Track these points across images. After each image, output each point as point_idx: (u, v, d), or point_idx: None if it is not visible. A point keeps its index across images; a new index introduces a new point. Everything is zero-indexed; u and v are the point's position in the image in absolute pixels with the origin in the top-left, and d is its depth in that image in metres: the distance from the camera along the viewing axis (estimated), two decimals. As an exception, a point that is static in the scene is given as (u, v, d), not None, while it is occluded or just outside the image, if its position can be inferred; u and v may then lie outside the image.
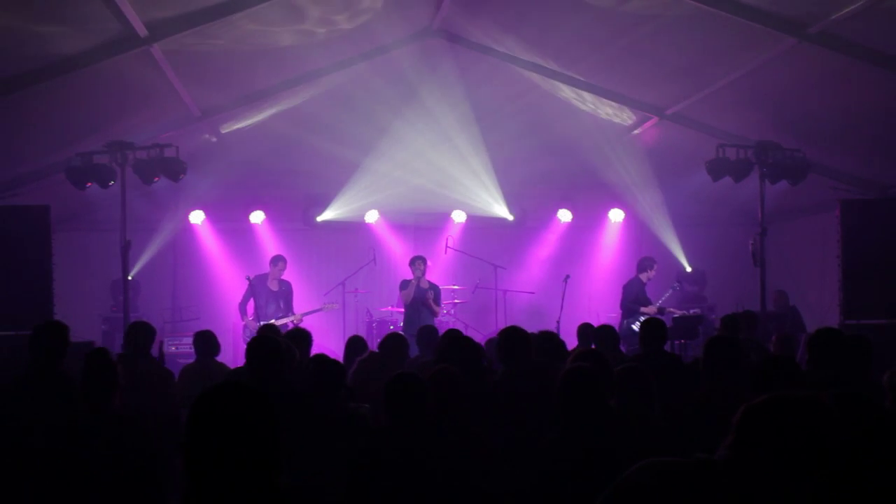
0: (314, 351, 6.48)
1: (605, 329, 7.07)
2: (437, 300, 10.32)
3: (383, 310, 11.83)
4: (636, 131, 11.05)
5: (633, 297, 10.54)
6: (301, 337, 6.21)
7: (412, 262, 10.38)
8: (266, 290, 10.28)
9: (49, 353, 4.72)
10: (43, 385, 4.58)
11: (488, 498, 3.64)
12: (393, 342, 6.32)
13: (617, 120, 10.96)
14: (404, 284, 10.33)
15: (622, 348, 10.20)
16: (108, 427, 3.96)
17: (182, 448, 2.12)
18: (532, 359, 5.25)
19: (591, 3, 7.62)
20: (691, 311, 11.31)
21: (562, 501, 3.47)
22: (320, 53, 8.90)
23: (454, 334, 5.86)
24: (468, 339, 5.41)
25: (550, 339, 6.01)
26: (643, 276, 10.63)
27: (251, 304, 10.22)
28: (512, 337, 5.31)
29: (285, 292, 10.42)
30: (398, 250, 12.77)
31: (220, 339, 12.24)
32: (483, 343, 6.62)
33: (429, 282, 10.35)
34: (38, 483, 3.77)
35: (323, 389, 4.47)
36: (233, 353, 11.74)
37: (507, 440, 4.41)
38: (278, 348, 4.66)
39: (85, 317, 11.35)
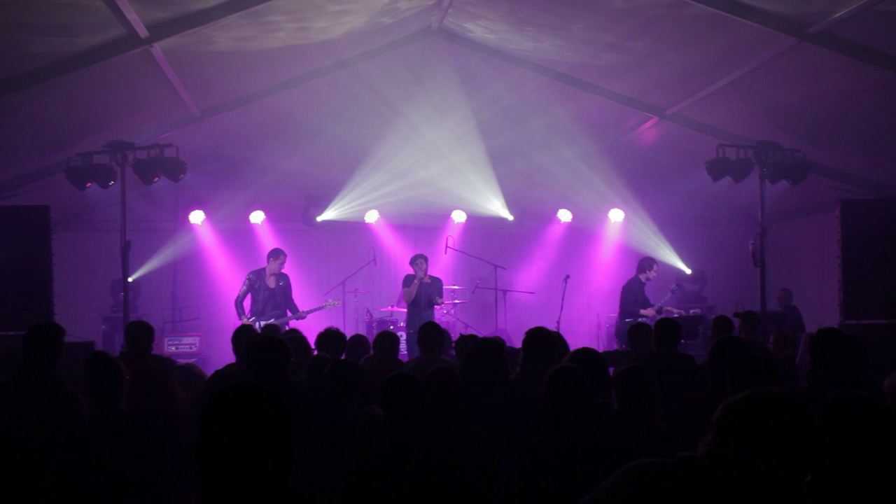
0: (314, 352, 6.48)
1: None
2: (440, 293, 10.32)
3: (383, 310, 11.83)
4: (636, 131, 11.06)
5: (631, 299, 10.53)
6: (335, 339, 6.21)
7: (414, 261, 10.33)
8: (264, 287, 9.99)
9: (42, 355, 4.61)
10: (34, 387, 4.53)
11: (484, 497, 3.64)
12: (387, 341, 6.33)
13: (617, 120, 10.96)
14: (408, 280, 10.23)
15: (619, 349, 10.19)
16: (116, 427, 3.97)
17: (195, 449, 2.10)
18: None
19: (591, 4, 7.62)
20: (691, 312, 11.30)
21: (551, 500, 3.47)
22: (320, 53, 8.90)
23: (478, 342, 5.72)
24: (492, 343, 5.31)
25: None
26: (642, 277, 10.61)
27: (248, 301, 10.07)
28: (538, 338, 5.27)
29: (283, 288, 10.04)
30: (398, 250, 12.77)
31: (221, 339, 12.23)
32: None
33: (430, 277, 10.33)
34: (53, 485, 3.77)
35: (337, 392, 4.45)
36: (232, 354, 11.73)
37: (507, 440, 4.40)
38: (283, 349, 4.66)
39: (85, 317, 11.38)
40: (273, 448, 2.10)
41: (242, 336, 6.06)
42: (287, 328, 9.29)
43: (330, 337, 6.31)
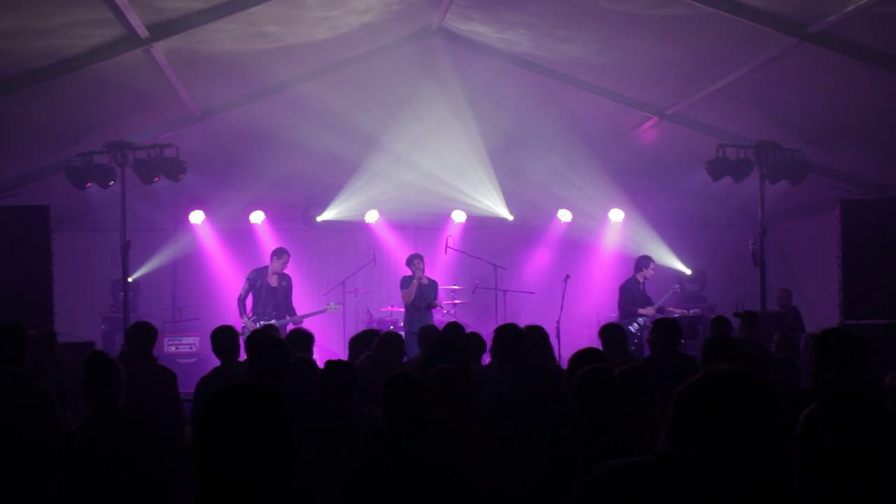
0: (315, 352, 6.46)
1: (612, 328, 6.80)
2: (436, 296, 10.34)
3: (383, 310, 11.82)
4: (636, 131, 11.06)
5: (629, 298, 10.51)
6: (303, 338, 6.17)
7: (410, 261, 10.33)
8: (266, 286, 9.97)
9: (8, 354, 4.64)
10: (4, 386, 4.56)
11: (487, 498, 3.63)
12: (389, 342, 6.29)
13: (617, 120, 10.96)
14: (405, 282, 10.26)
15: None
16: (114, 428, 3.96)
17: (194, 449, 2.10)
18: (528, 361, 5.20)
19: (591, 3, 7.62)
20: (691, 312, 11.30)
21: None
22: (320, 53, 8.90)
23: (443, 339, 5.70)
24: (455, 341, 5.29)
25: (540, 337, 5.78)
26: (639, 276, 10.61)
27: (250, 301, 10.04)
28: (508, 337, 5.25)
29: (285, 288, 10.05)
30: (398, 250, 12.76)
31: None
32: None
33: (427, 278, 10.35)
34: (49, 485, 3.78)
35: (334, 392, 4.45)
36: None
37: (506, 441, 4.39)
38: (283, 349, 4.65)
39: (85, 317, 11.38)
40: (273, 449, 2.09)
41: (221, 337, 5.91)
42: (287, 329, 9.32)
43: (295, 339, 6.20)
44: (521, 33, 8.83)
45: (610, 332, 6.30)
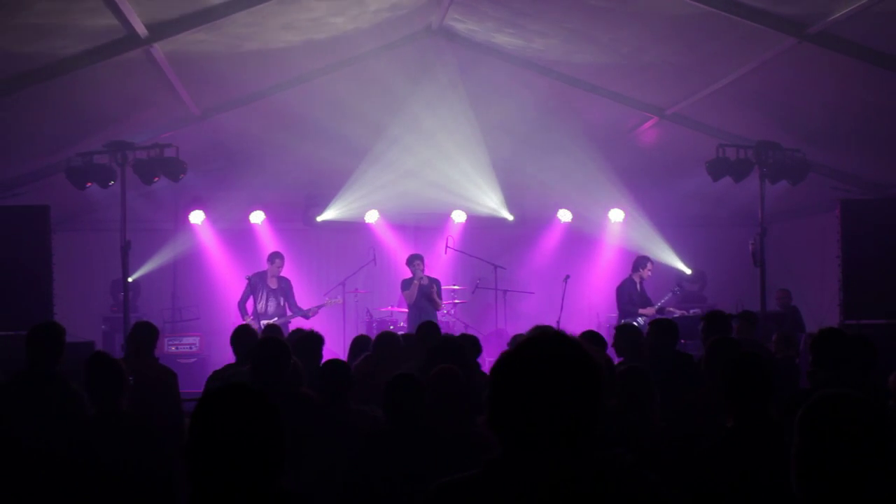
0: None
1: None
2: (439, 294, 10.36)
3: (383, 310, 11.83)
4: (636, 131, 11.06)
5: (627, 299, 10.51)
6: (313, 340, 6.16)
7: (411, 262, 10.36)
8: (266, 288, 10.19)
9: (45, 354, 4.64)
10: (39, 386, 4.55)
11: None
12: (386, 342, 6.28)
13: (617, 120, 10.96)
14: (406, 284, 10.32)
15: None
16: (116, 429, 3.96)
17: (186, 450, 2.10)
18: None
19: (590, 4, 7.63)
20: (691, 312, 11.29)
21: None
22: (320, 53, 8.91)
23: (446, 339, 5.67)
24: (456, 342, 5.29)
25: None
26: (636, 276, 10.58)
27: (251, 303, 10.19)
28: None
29: (284, 289, 10.29)
30: (398, 250, 12.77)
31: (221, 339, 12.24)
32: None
33: (428, 277, 10.36)
34: (48, 485, 3.77)
35: (331, 392, 4.45)
36: (233, 354, 11.72)
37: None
38: (284, 350, 4.65)
39: (85, 317, 11.37)
40: (264, 449, 2.08)
41: (241, 336, 6.05)
42: (290, 327, 9.41)
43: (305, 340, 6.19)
44: (521, 34, 8.83)
45: (625, 333, 6.29)
